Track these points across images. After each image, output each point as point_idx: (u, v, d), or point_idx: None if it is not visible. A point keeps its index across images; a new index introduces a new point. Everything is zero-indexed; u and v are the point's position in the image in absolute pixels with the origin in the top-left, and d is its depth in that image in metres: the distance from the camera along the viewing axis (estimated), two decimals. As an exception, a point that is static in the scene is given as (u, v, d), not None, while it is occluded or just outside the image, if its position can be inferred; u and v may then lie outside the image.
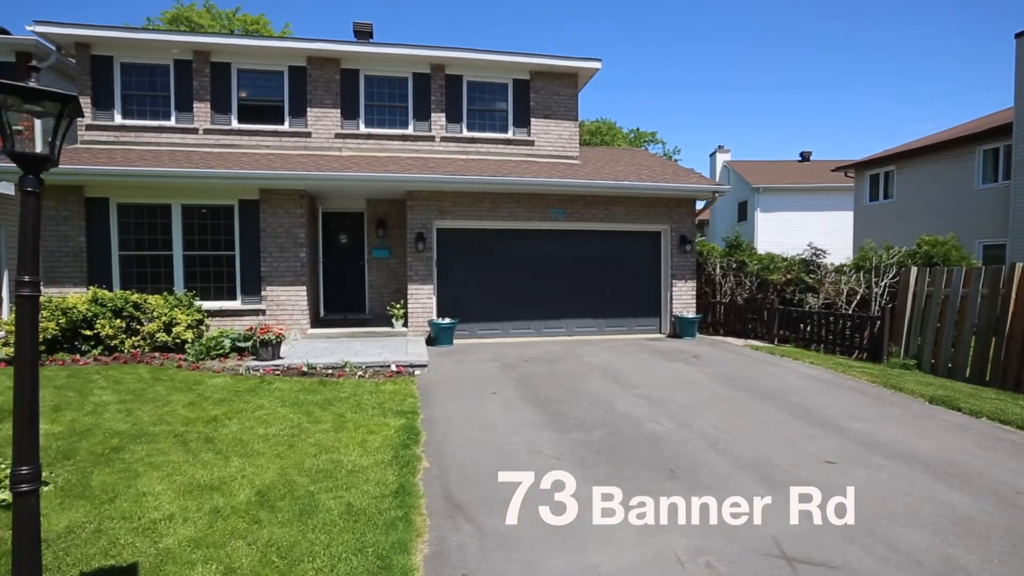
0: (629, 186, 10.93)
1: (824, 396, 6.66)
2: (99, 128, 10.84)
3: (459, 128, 12.00)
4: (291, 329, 10.27)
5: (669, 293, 11.76)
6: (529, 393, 6.69)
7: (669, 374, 7.94)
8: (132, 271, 10.09)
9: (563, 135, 12.41)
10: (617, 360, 8.88)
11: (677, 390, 6.89)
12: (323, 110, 11.47)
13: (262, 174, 9.57)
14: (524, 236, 11.27)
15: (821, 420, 5.69)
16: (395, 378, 7.42)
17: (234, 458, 4.42)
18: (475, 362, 8.68)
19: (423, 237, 10.61)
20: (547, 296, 11.40)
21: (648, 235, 11.86)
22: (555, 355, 9.28)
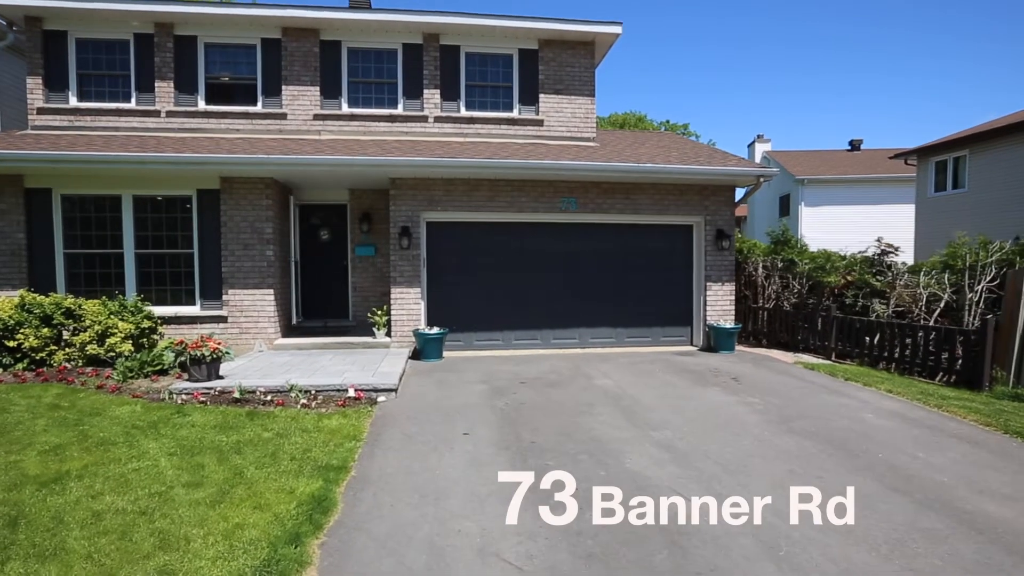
0: (655, 170, 9.12)
1: (923, 449, 4.77)
2: (51, 112, 9.65)
3: (456, 107, 10.40)
4: (256, 339, 8.85)
5: (702, 298, 9.90)
6: (511, 436, 5.03)
7: (701, 407, 6.16)
8: (79, 272, 8.84)
9: (577, 113, 10.67)
10: (634, 383, 7.13)
11: (713, 435, 5.12)
12: (300, 88, 10.03)
13: (216, 158, 8.16)
14: (529, 231, 9.59)
15: (934, 498, 3.83)
16: (348, 408, 5.85)
17: (12, 564, 2.90)
18: (459, 384, 7.06)
19: (409, 232, 9.04)
20: (556, 301, 9.70)
21: (677, 229, 10.03)
22: (558, 375, 7.58)
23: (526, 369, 7.97)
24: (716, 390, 6.85)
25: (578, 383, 7.14)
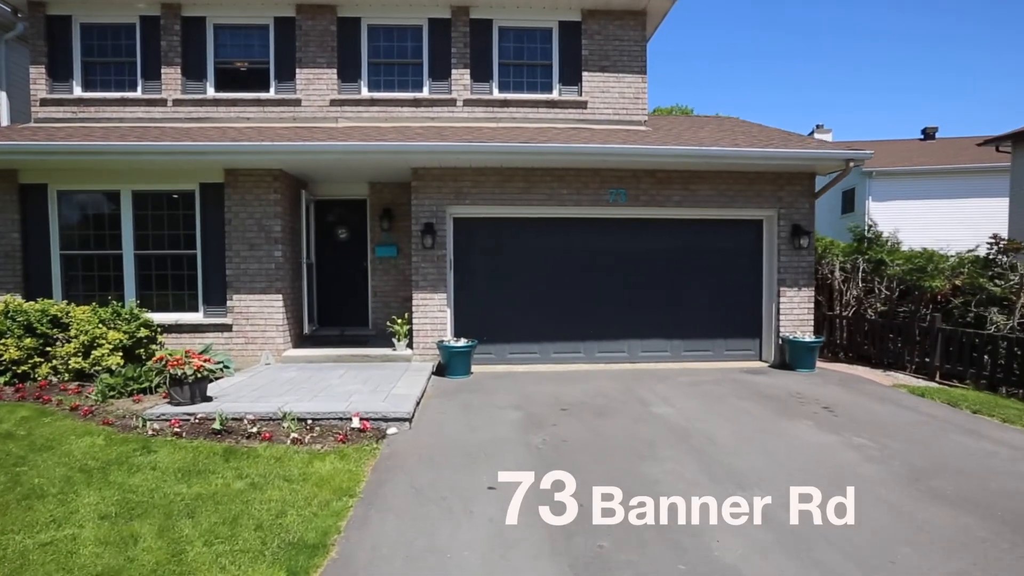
0: (723, 155, 7.70)
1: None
2: (55, 103, 8.98)
3: (487, 88, 9.24)
4: (263, 350, 7.90)
5: (775, 305, 8.42)
6: (550, 495, 3.80)
7: (795, 450, 4.78)
8: (77, 275, 8.10)
9: (626, 93, 9.34)
10: (702, 413, 5.78)
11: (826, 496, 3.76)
12: (316, 71, 9.06)
13: (215, 146, 7.22)
14: (571, 228, 8.34)
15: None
16: (349, 445, 4.74)
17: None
18: (487, 410, 5.88)
19: (433, 229, 7.93)
20: (602, 308, 8.41)
21: (744, 225, 8.59)
22: (607, 399, 6.31)
23: (568, 390, 6.73)
24: (807, 424, 5.44)
25: (631, 410, 5.85)
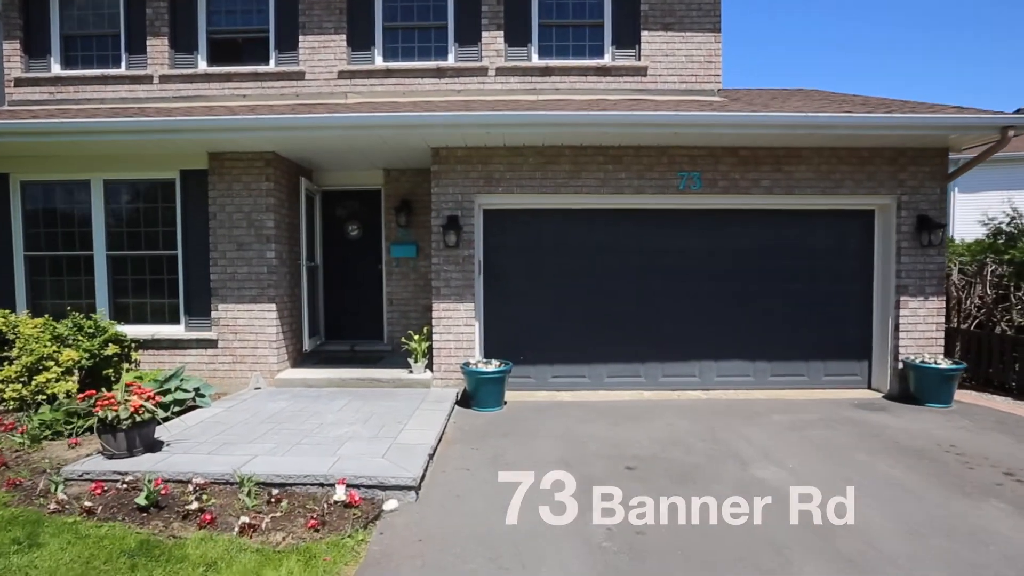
0: (835, 122, 5.81)
1: None
2: (31, 83, 7.85)
3: (525, 54, 7.65)
4: (254, 371, 6.54)
5: (891, 319, 6.57)
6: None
7: (1010, 562, 3.04)
8: (44, 280, 6.93)
9: (694, 56, 7.60)
10: (830, 481, 4.03)
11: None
12: (322, 38, 7.66)
13: (189, 122, 5.84)
14: (629, 221, 6.69)
15: None
16: (324, 535, 3.24)
17: None
18: (523, 464, 4.29)
19: (457, 224, 6.40)
20: (667, 322, 6.73)
21: (849, 217, 6.76)
22: (687, 451, 4.64)
23: (631, 434, 5.09)
24: (1000, 508, 3.65)
25: (726, 474, 4.18)
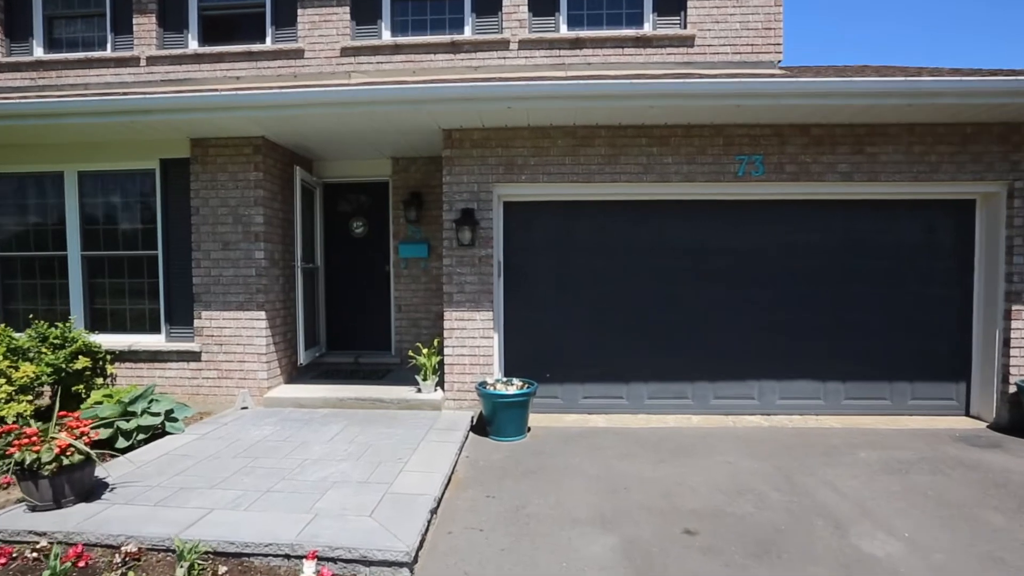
0: (937, 87, 4.68)
1: None
2: (11, 68, 7.21)
3: (552, 24, 6.68)
4: (241, 388, 5.71)
5: (1000, 331, 5.39)
6: None
7: None
8: (15, 284, 6.24)
9: (750, 22, 6.52)
10: (967, 556, 2.97)
11: None
12: (323, 11, 6.82)
13: (158, 101, 4.99)
14: (676, 214, 5.65)
15: None
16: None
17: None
18: (553, 529, 3.33)
19: (473, 218, 5.46)
20: (719, 333, 5.67)
21: (943, 208, 5.60)
22: (761, 504, 3.60)
23: (682, 477, 4.07)
24: None
25: (819, 544, 3.13)
